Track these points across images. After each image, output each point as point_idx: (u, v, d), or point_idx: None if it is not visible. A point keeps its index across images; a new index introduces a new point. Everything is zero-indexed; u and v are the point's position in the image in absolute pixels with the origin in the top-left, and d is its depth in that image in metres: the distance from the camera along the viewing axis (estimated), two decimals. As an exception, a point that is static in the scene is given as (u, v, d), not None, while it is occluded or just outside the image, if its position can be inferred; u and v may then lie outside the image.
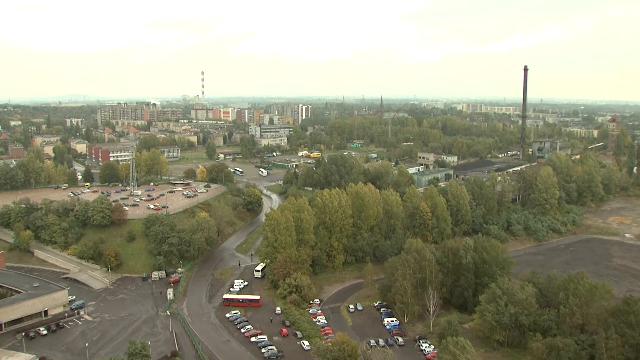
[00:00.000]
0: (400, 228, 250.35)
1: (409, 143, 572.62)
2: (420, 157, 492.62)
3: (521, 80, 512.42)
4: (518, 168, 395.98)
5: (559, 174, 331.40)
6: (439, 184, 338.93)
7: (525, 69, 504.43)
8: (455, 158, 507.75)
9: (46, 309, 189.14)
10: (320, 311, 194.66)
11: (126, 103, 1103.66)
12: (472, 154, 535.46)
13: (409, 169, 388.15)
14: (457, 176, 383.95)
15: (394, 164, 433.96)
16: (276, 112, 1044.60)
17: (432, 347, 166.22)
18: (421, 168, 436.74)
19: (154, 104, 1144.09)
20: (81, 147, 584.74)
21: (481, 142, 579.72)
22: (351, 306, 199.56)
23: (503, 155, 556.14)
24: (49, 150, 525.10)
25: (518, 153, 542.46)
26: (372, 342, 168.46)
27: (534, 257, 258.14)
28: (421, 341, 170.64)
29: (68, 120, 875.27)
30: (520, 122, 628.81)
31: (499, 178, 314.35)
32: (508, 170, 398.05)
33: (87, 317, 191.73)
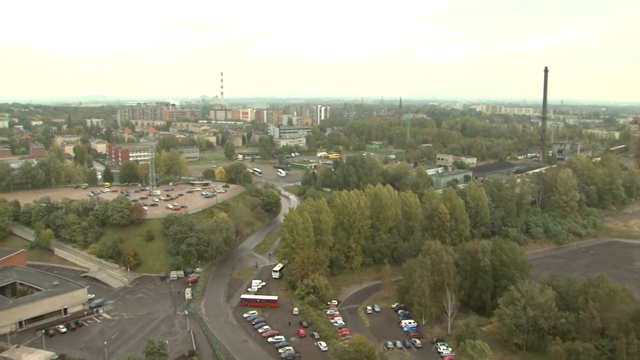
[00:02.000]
0: (418, 230, 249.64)
1: (427, 144, 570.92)
2: (439, 159, 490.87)
3: (541, 81, 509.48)
4: (538, 170, 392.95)
5: (579, 177, 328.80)
6: (458, 185, 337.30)
7: (546, 70, 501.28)
8: (474, 160, 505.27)
9: (66, 307, 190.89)
10: (337, 312, 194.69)
11: (146, 103, 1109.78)
12: (491, 156, 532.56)
13: (427, 171, 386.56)
14: (476, 178, 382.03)
15: (412, 165, 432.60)
16: (295, 112, 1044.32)
17: (450, 349, 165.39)
18: (440, 169, 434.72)
19: (173, 105, 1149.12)
20: (101, 147, 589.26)
21: (500, 143, 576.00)
22: (369, 307, 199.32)
23: (523, 157, 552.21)
24: (69, 150, 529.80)
25: (538, 155, 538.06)
26: (390, 343, 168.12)
27: (553, 260, 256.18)
28: (439, 343, 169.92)
29: (88, 121, 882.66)
30: (540, 123, 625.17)
31: (519, 180, 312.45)
32: (528, 172, 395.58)
33: (106, 315, 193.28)
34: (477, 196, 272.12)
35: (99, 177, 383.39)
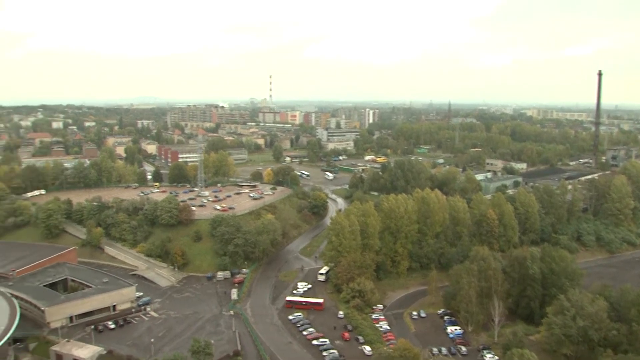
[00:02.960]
0: (466, 235, 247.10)
1: (476, 149, 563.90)
2: (488, 164, 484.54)
3: (595, 85, 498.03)
4: (590, 176, 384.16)
5: (634, 184, 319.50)
6: (507, 191, 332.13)
7: (600, 74, 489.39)
8: (524, 165, 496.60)
9: (114, 304, 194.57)
10: (383, 317, 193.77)
11: (195, 105, 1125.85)
12: (542, 162, 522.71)
13: (476, 176, 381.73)
14: (526, 184, 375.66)
15: (461, 170, 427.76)
16: (343, 116, 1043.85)
17: (496, 358, 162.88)
18: (489, 175, 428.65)
19: (223, 107, 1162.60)
20: (151, 148, 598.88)
21: (552, 149, 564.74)
22: (414, 313, 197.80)
23: (574, 163, 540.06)
24: (120, 150, 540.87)
25: (590, 161, 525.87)
26: (435, 350, 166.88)
27: (605, 269, 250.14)
28: (485, 352, 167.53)
29: (139, 122, 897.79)
30: (593, 128, 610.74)
31: (570, 186, 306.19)
32: (579, 178, 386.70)
33: (153, 313, 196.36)
34: (526, 202, 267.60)
35: (149, 177, 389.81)
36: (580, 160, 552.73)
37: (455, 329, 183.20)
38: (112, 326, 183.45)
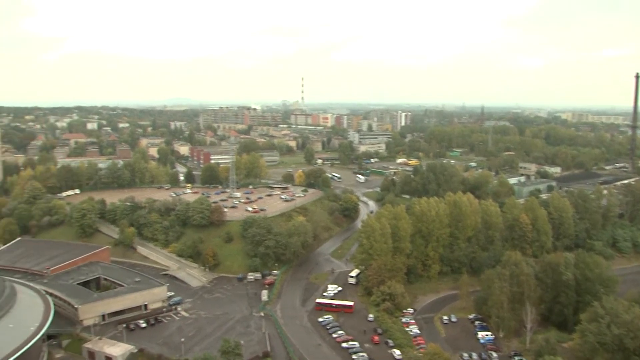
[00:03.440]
0: (498, 240, 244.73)
1: (510, 153, 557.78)
2: (521, 167, 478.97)
3: (632, 88, 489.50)
4: (626, 181, 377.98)
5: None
6: (541, 195, 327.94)
7: (637, 77, 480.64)
8: (558, 169, 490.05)
9: (146, 303, 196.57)
10: (413, 320, 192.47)
11: (228, 107, 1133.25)
12: (576, 166, 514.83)
13: (509, 179, 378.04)
14: (560, 188, 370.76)
15: (494, 173, 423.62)
16: (375, 118, 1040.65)
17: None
18: (522, 179, 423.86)
19: (255, 109, 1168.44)
20: (184, 149, 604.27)
21: (587, 153, 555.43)
22: (445, 317, 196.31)
23: (610, 167, 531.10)
24: (153, 151, 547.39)
25: (627, 165, 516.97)
26: (465, 355, 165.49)
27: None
28: (516, 358, 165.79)
29: (172, 123, 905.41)
30: (630, 132, 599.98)
31: (605, 191, 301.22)
32: (615, 183, 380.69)
33: (184, 313, 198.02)
34: (560, 207, 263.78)
35: (181, 178, 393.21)
36: (616, 164, 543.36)
37: (486, 335, 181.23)
38: (144, 325, 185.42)
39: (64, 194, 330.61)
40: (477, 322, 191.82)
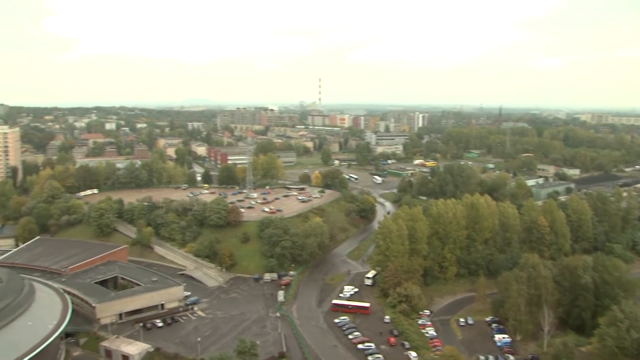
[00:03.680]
0: (516, 242, 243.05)
1: (528, 154, 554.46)
2: (539, 169, 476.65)
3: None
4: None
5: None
6: (559, 197, 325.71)
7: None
8: (577, 171, 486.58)
9: (163, 302, 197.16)
10: (429, 322, 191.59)
11: (245, 108, 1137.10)
12: (595, 168, 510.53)
13: (527, 181, 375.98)
14: (578, 190, 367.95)
15: (511, 175, 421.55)
16: (392, 119, 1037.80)
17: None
18: (540, 180, 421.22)
19: (272, 110, 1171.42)
20: (201, 150, 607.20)
21: (606, 155, 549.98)
22: (461, 319, 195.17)
23: (630, 169, 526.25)
24: (171, 151, 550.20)
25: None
26: (482, 358, 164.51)
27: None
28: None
29: (190, 124, 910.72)
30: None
31: (625, 194, 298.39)
32: (635, 185, 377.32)
33: (200, 313, 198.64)
34: (579, 209, 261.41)
35: (198, 178, 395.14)
36: (637, 166, 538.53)
37: (503, 338, 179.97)
38: (160, 324, 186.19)
39: (82, 193, 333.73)
40: (494, 325, 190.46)
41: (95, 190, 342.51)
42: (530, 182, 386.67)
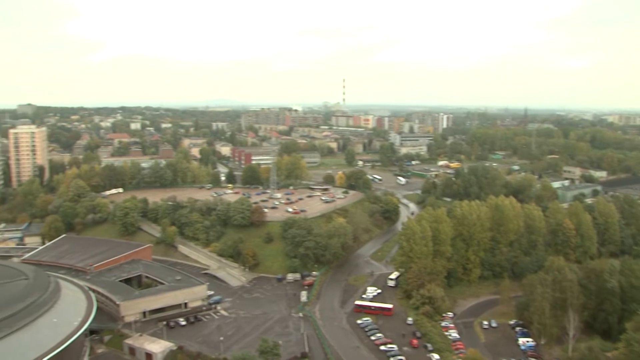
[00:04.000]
0: (541, 245, 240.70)
1: (553, 156, 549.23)
2: (565, 171, 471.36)
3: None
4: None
5: None
6: (585, 200, 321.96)
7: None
8: (604, 173, 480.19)
9: (186, 301, 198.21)
10: (452, 325, 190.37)
11: (269, 108, 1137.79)
12: (623, 170, 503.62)
13: (553, 183, 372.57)
14: (605, 193, 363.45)
15: (537, 177, 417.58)
16: (416, 120, 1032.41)
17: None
18: (566, 183, 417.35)
19: (296, 110, 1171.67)
20: (225, 150, 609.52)
21: (634, 157, 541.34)
22: (485, 322, 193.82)
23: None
24: (195, 151, 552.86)
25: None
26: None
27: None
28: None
29: (214, 124, 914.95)
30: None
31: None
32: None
33: (223, 312, 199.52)
34: (606, 212, 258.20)
35: (223, 178, 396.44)
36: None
37: (527, 341, 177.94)
38: (183, 323, 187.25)
39: (108, 192, 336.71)
40: (518, 328, 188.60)
41: (120, 190, 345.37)
42: (556, 184, 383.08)
